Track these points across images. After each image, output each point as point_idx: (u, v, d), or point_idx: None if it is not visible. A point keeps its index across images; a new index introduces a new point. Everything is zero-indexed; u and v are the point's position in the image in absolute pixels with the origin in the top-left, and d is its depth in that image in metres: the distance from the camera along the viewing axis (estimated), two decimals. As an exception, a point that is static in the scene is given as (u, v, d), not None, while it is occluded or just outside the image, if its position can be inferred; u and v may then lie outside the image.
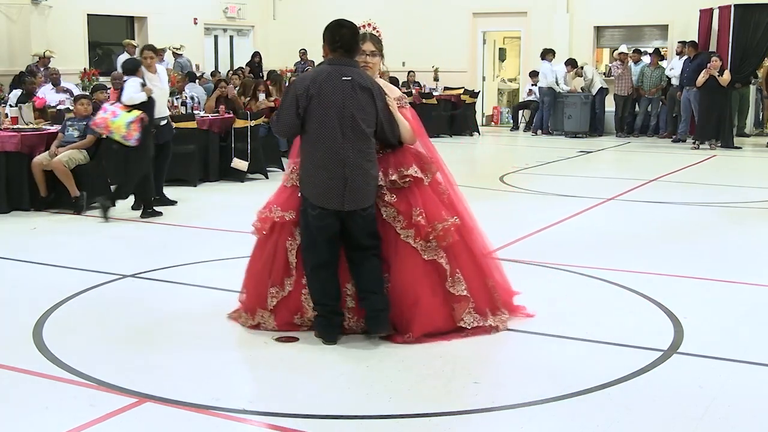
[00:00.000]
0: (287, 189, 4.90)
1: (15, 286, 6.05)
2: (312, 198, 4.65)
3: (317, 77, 4.64)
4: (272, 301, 4.88)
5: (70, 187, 8.65)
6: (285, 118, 4.69)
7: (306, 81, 4.65)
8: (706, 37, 16.06)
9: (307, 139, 4.66)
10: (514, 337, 4.94)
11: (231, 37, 20.08)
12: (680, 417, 3.83)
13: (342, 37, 4.66)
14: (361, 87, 4.62)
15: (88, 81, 14.80)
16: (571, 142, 15.95)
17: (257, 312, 4.94)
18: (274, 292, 4.87)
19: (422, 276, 4.79)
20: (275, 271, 4.87)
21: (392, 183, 4.82)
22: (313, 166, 4.64)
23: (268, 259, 4.90)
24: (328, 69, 4.66)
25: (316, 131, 4.60)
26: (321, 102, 4.57)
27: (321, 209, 4.62)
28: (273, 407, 3.95)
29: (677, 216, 8.77)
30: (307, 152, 4.67)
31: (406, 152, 4.91)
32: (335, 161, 4.58)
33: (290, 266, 4.85)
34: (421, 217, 4.76)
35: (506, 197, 10.11)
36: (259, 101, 12.06)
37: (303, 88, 4.60)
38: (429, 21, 18.59)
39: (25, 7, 15.22)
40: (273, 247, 4.88)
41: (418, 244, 4.77)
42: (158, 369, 4.41)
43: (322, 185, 4.61)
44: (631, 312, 5.42)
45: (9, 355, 4.56)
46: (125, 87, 8.54)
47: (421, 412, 3.88)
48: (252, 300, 4.99)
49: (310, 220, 4.67)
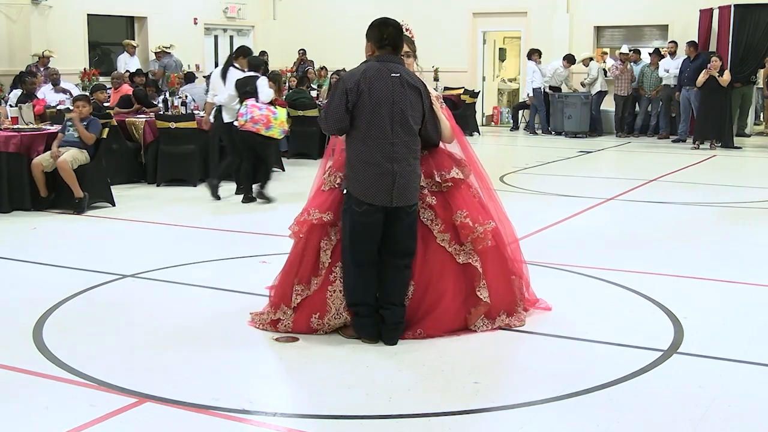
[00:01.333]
0: (324, 192, 4.87)
1: (15, 286, 6.05)
2: (359, 194, 4.60)
3: (367, 72, 4.61)
4: (297, 298, 4.85)
5: (75, 188, 8.65)
6: (334, 113, 4.62)
7: (356, 76, 4.61)
8: (706, 37, 16.06)
9: (356, 134, 4.62)
10: (514, 337, 4.94)
11: (231, 37, 20.07)
12: (680, 417, 3.83)
13: (389, 35, 4.68)
14: (409, 84, 4.66)
15: (88, 81, 14.78)
16: (571, 142, 15.95)
17: (281, 307, 4.91)
18: (300, 290, 4.85)
19: (451, 280, 4.85)
20: (303, 269, 4.85)
21: (435, 185, 4.87)
22: (361, 162, 4.61)
23: (296, 257, 4.89)
24: (377, 65, 4.63)
25: (365, 126, 4.58)
26: (372, 97, 4.56)
27: (368, 206, 4.59)
28: (273, 407, 3.95)
29: (677, 216, 8.77)
30: (355, 148, 4.63)
31: (443, 153, 4.98)
32: (385, 156, 4.57)
33: (320, 265, 4.82)
34: (468, 219, 4.83)
35: (506, 197, 10.03)
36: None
37: (353, 83, 4.57)
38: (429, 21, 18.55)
39: (25, 7, 15.22)
40: (303, 246, 4.86)
41: (453, 248, 4.83)
42: (158, 369, 4.41)
43: (370, 181, 4.58)
44: (631, 312, 5.42)
45: (9, 355, 4.57)
46: (260, 86, 9.16)
47: (421, 412, 3.88)
48: (278, 296, 4.97)
49: (356, 218, 4.62)
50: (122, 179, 10.41)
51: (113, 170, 9.92)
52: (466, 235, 4.83)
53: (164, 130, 10.54)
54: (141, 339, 4.88)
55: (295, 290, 4.86)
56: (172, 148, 10.54)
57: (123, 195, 9.66)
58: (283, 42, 19.85)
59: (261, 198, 9.34)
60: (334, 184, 4.84)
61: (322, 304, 4.81)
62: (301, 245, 4.88)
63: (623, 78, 16.41)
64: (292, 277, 4.88)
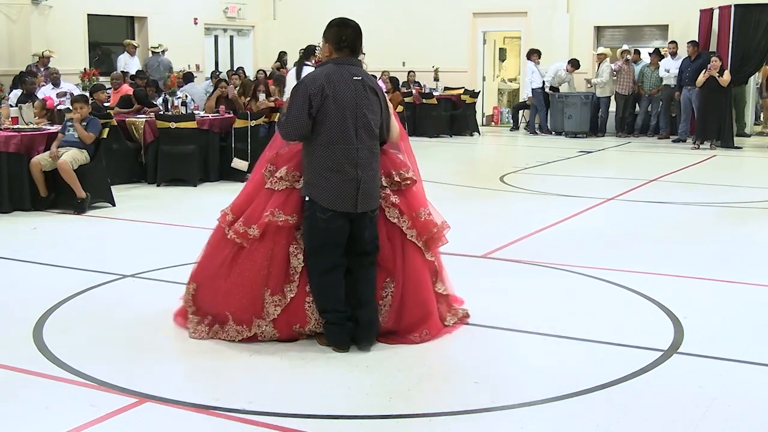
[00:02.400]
0: (280, 192, 4.66)
1: (15, 286, 6.05)
2: (324, 201, 4.50)
3: (331, 76, 4.50)
4: (275, 310, 4.62)
5: (76, 189, 8.65)
6: (296, 119, 4.47)
7: (319, 80, 4.49)
8: (707, 37, 16.06)
9: (319, 140, 4.49)
10: (514, 337, 4.94)
11: (231, 37, 20.08)
12: (680, 417, 3.83)
13: (348, 36, 4.60)
14: (369, 87, 4.61)
15: (88, 81, 14.79)
16: (571, 142, 15.95)
17: (254, 322, 4.66)
18: (277, 300, 4.62)
19: (428, 276, 4.87)
20: (273, 278, 4.62)
21: (395, 184, 4.81)
22: (325, 168, 4.49)
23: (262, 265, 4.62)
24: (338, 68, 4.55)
25: (330, 132, 4.47)
26: (336, 101, 4.46)
27: (333, 212, 4.50)
28: (273, 407, 3.95)
29: (677, 216, 8.77)
30: (319, 154, 4.50)
31: (391, 153, 4.92)
32: (349, 162, 4.50)
33: (291, 272, 4.63)
34: (430, 216, 4.84)
35: (506, 197, 10.10)
36: (260, 101, 12.06)
37: (316, 87, 4.45)
38: (429, 21, 18.58)
39: (25, 7, 15.22)
40: (268, 253, 4.62)
41: (421, 243, 4.82)
42: (158, 369, 4.41)
43: (334, 188, 4.49)
44: (631, 312, 5.42)
45: (9, 355, 4.56)
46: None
47: (421, 412, 3.89)
48: (246, 310, 4.66)
49: (319, 224, 4.52)
50: (122, 179, 10.40)
51: (113, 170, 9.92)
52: (424, 233, 4.80)
53: (164, 130, 10.54)
54: (141, 339, 4.88)
55: (270, 301, 4.63)
56: (172, 148, 10.53)
57: (123, 195, 9.66)
58: (283, 42, 19.84)
59: None
60: (293, 185, 4.65)
61: (302, 315, 4.67)
62: (265, 251, 4.62)
63: (625, 77, 16.40)
64: (261, 286, 4.62)
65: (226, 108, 11.42)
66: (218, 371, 4.42)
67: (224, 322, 4.74)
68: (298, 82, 4.63)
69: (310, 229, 4.57)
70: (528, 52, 17.35)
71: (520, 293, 5.82)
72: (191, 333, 4.81)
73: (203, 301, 4.84)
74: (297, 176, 4.66)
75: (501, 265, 6.63)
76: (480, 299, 5.58)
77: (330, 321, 4.63)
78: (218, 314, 4.76)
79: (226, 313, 4.72)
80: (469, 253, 6.78)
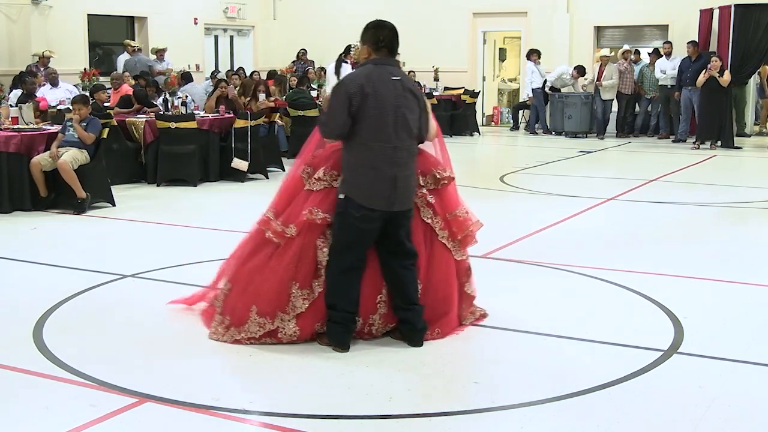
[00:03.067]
0: (318, 192, 4.68)
1: (15, 286, 6.05)
2: (359, 199, 4.51)
3: (371, 76, 4.53)
4: (303, 303, 4.62)
5: (77, 189, 8.64)
6: (337, 118, 4.49)
7: (360, 79, 4.52)
8: (707, 37, 16.06)
9: (358, 139, 4.51)
10: (514, 337, 4.94)
11: (231, 37, 20.07)
12: (680, 417, 3.83)
13: (385, 37, 4.62)
14: (408, 88, 4.64)
15: (88, 81, 14.78)
16: (571, 142, 15.95)
17: (277, 315, 4.65)
18: (305, 294, 4.63)
19: (453, 276, 4.91)
20: (302, 272, 4.64)
21: (434, 182, 4.86)
22: (363, 166, 4.52)
23: (292, 259, 4.65)
24: (377, 69, 4.57)
25: (369, 131, 4.49)
26: (376, 101, 4.48)
27: (368, 211, 4.51)
28: (273, 407, 3.95)
29: (677, 216, 8.77)
30: (358, 153, 4.54)
31: (427, 153, 4.97)
32: (387, 161, 4.52)
33: (318, 266, 4.66)
34: (467, 215, 4.93)
35: (506, 197, 10.10)
36: (260, 101, 12.06)
37: (357, 87, 4.47)
38: (429, 21, 18.57)
39: (25, 7, 15.21)
40: (299, 248, 4.65)
41: (451, 244, 4.87)
42: (158, 369, 4.41)
43: (371, 186, 4.51)
44: (631, 312, 5.42)
45: (9, 355, 4.56)
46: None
47: (421, 412, 3.89)
48: (271, 302, 4.65)
49: (352, 221, 4.53)
50: (122, 179, 10.40)
51: (113, 170, 9.92)
52: (460, 231, 4.87)
53: (164, 130, 10.53)
54: (141, 339, 4.88)
55: (298, 294, 4.63)
56: (172, 148, 10.53)
57: (123, 195, 9.66)
58: (283, 42, 19.84)
59: None
60: (331, 184, 4.68)
61: (323, 312, 4.67)
62: (296, 247, 4.66)
63: (627, 76, 16.40)
64: (289, 279, 4.65)
65: (226, 108, 11.42)
66: (218, 371, 4.42)
67: (243, 321, 4.68)
68: (339, 82, 4.64)
69: (341, 226, 4.59)
70: (528, 52, 17.35)
71: (519, 293, 5.82)
72: (211, 334, 4.81)
73: (232, 300, 4.81)
74: (335, 175, 4.68)
75: (501, 265, 6.63)
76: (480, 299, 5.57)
77: (335, 319, 4.62)
78: (239, 312, 4.72)
79: (248, 309, 4.67)
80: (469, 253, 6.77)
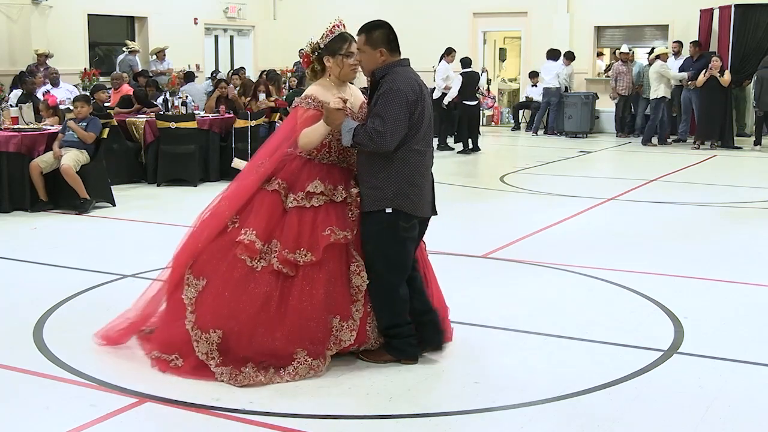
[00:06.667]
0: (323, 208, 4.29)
1: (15, 286, 6.05)
2: (410, 209, 4.28)
3: (416, 79, 4.33)
4: (350, 335, 4.25)
5: (80, 191, 8.65)
6: (400, 127, 4.18)
7: (413, 84, 4.27)
8: (707, 37, 16.06)
9: (413, 147, 4.27)
10: (514, 337, 4.94)
11: (231, 37, 20.08)
12: (680, 417, 3.83)
13: (394, 35, 4.38)
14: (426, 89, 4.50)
15: (88, 81, 14.79)
16: (571, 142, 15.95)
17: (326, 354, 4.26)
18: (351, 325, 4.27)
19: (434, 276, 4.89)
20: (338, 303, 4.27)
21: None
22: (418, 174, 4.30)
23: (325, 290, 4.23)
24: (409, 72, 4.35)
25: (424, 138, 4.32)
26: (425, 107, 4.31)
27: (415, 219, 4.33)
28: (273, 407, 3.95)
29: (677, 216, 8.77)
30: (405, 161, 4.25)
31: None
32: (430, 167, 4.45)
33: (354, 291, 4.30)
34: None
35: (506, 197, 10.10)
36: (260, 101, 12.06)
37: (414, 94, 4.24)
38: (429, 21, 18.57)
39: (26, 7, 15.21)
40: (327, 275, 4.25)
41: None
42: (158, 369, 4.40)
43: (421, 194, 4.34)
44: (631, 312, 5.42)
45: (9, 355, 4.57)
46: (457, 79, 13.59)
47: (421, 412, 3.89)
48: (320, 342, 4.24)
49: (402, 235, 4.28)
50: (123, 179, 10.41)
51: (114, 170, 9.92)
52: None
53: (164, 130, 10.54)
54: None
55: (343, 327, 4.26)
56: (173, 148, 10.54)
57: (123, 195, 9.66)
58: (283, 42, 19.84)
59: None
60: (331, 198, 4.32)
61: (363, 335, 4.36)
62: (324, 274, 4.24)
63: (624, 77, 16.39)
64: (327, 313, 4.23)
65: (226, 108, 11.43)
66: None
67: (287, 363, 4.23)
68: (396, 89, 4.19)
69: (390, 243, 4.29)
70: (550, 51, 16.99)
71: (520, 293, 5.83)
72: (231, 382, 4.16)
73: (239, 348, 4.22)
74: (332, 189, 4.34)
75: (501, 265, 6.63)
76: (480, 299, 5.59)
77: (404, 334, 4.40)
78: (276, 360, 4.23)
79: (294, 354, 4.23)
80: (469, 253, 6.78)
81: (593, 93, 17.09)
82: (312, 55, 4.50)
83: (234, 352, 4.21)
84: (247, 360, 4.21)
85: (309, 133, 4.30)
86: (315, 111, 4.34)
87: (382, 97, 4.22)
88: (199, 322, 4.24)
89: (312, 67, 4.54)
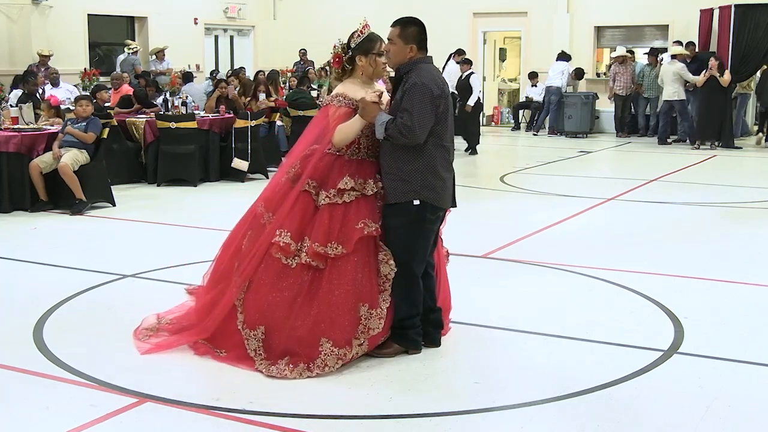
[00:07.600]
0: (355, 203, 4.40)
1: (15, 286, 6.05)
2: (435, 201, 4.43)
3: (439, 76, 4.52)
4: (379, 323, 4.34)
5: (77, 191, 8.65)
6: (427, 122, 4.32)
7: (437, 80, 4.44)
8: (706, 37, 16.05)
9: (439, 141, 4.43)
10: (514, 337, 4.94)
11: (231, 37, 20.08)
12: (680, 417, 3.83)
13: (425, 33, 4.62)
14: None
15: (88, 81, 14.78)
16: (571, 142, 15.95)
17: (353, 343, 4.34)
18: (379, 313, 4.35)
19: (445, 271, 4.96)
20: (366, 292, 4.36)
21: None
22: (443, 168, 4.48)
23: (354, 280, 4.34)
24: (434, 69, 4.54)
25: (447, 132, 4.49)
26: (448, 102, 4.48)
27: (439, 211, 4.51)
28: (273, 407, 3.95)
29: (677, 216, 8.77)
30: (431, 155, 4.39)
31: None
32: (451, 161, 4.60)
33: (382, 280, 4.40)
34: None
35: (506, 197, 10.10)
36: (260, 101, 12.06)
37: (439, 90, 4.39)
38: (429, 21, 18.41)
39: (26, 7, 15.21)
40: (356, 266, 4.36)
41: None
42: (158, 369, 4.41)
43: (444, 186, 4.50)
44: (631, 312, 5.42)
45: (9, 355, 4.57)
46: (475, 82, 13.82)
47: (421, 412, 3.89)
48: (346, 330, 4.32)
49: (427, 226, 4.44)
50: (123, 179, 10.41)
51: (113, 170, 9.92)
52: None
53: (164, 130, 10.54)
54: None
55: (372, 315, 4.34)
56: (173, 148, 10.53)
57: (123, 195, 9.66)
58: (283, 42, 19.84)
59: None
60: (362, 192, 4.43)
61: (388, 326, 4.44)
62: (353, 265, 4.35)
63: (623, 77, 16.39)
64: (355, 302, 4.34)
65: (226, 108, 11.43)
66: (218, 371, 4.41)
67: (314, 355, 4.29)
68: (421, 84, 4.33)
69: (417, 234, 4.42)
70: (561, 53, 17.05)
71: (520, 293, 5.83)
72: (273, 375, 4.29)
73: (279, 342, 4.36)
74: (362, 183, 4.45)
75: (501, 265, 6.63)
76: (480, 299, 5.59)
77: (416, 325, 4.51)
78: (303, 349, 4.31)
79: (319, 344, 4.30)
80: (469, 253, 6.78)
81: (593, 93, 17.09)
82: (344, 55, 4.62)
83: (275, 346, 4.36)
84: (284, 353, 4.33)
85: (344, 128, 4.43)
86: (347, 108, 4.49)
87: (408, 92, 4.36)
88: (247, 321, 4.44)
89: (342, 67, 4.66)
